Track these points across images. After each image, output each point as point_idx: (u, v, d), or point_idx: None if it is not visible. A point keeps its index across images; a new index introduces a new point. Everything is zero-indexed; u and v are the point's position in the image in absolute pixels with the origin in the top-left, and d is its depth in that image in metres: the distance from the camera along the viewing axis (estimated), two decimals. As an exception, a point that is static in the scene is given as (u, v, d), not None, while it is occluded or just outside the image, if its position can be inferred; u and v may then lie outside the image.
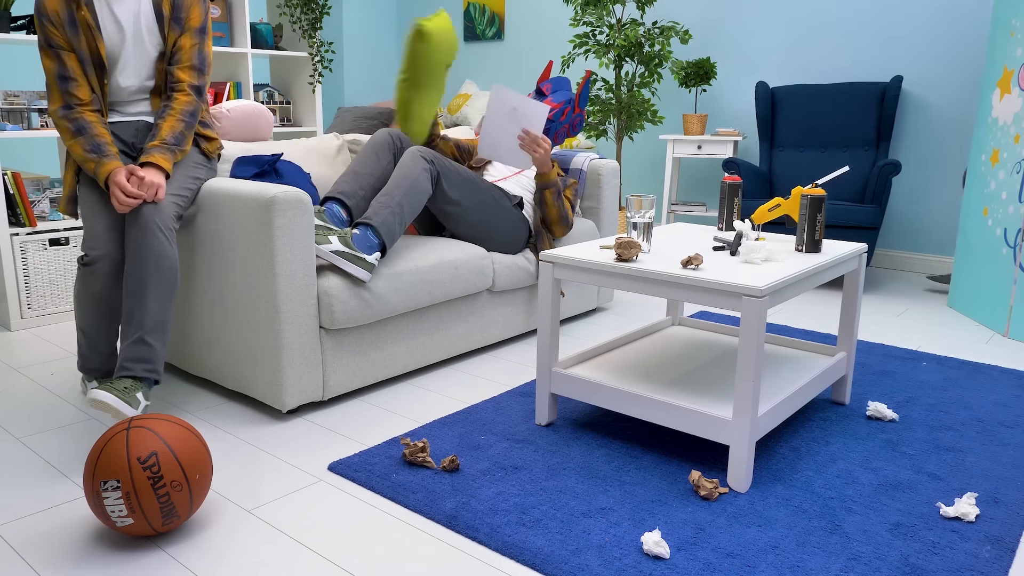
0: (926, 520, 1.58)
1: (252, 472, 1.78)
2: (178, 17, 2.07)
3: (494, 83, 2.34)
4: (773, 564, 1.42)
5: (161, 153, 1.98)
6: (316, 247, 2.05)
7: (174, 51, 2.09)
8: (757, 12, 4.41)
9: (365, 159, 2.39)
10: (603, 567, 1.40)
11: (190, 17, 2.09)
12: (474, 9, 5.64)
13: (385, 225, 2.17)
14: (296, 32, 4.27)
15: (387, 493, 1.67)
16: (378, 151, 2.41)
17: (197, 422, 2.05)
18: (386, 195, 2.23)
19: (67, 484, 1.72)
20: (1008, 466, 1.83)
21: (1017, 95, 2.89)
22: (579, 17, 4.34)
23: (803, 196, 1.99)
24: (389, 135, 2.44)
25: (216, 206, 2.08)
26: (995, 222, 3.01)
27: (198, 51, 2.11)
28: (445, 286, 2.35)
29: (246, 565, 1.42)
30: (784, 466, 1.82)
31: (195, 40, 2.10)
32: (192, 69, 2.10)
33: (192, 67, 2.10)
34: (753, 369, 1.61)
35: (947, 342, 2.84)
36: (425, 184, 2.30)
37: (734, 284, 1.62)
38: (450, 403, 2.20)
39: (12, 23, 2.96)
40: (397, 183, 2.26)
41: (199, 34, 2.11)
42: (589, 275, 1.85)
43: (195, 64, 2.11)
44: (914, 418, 2.11)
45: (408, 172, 2.28)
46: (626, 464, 1.82)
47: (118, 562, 1.43)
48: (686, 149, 4.38)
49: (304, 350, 2.03)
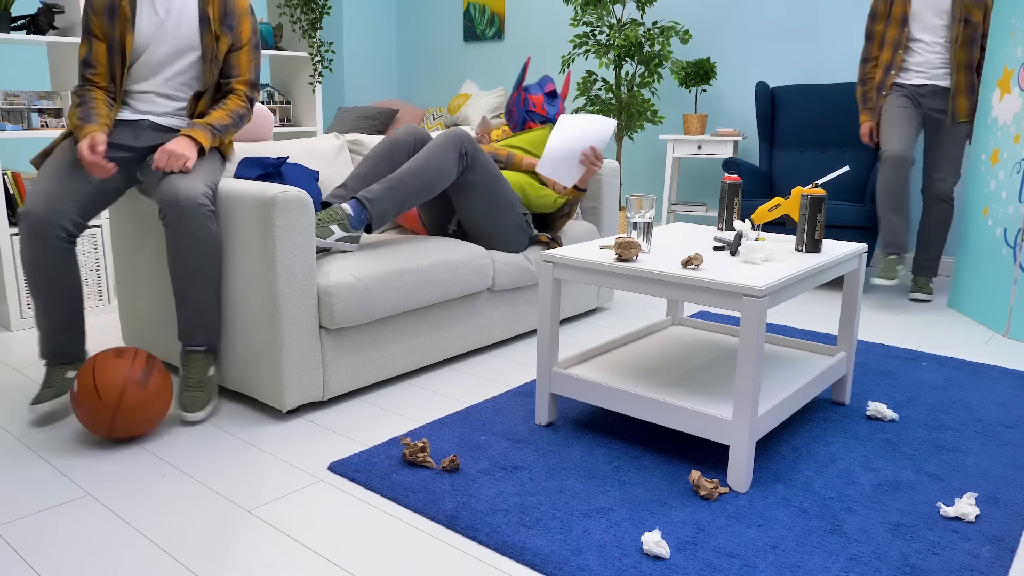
0: (926, 520, 1.58)
1: (252, 472, 1.78)
2: (229, 24, 2.12)
3: (561, 117, 2.43)
4: (773, 564, 1.42)
5: (203, 130, 2.06)
6: (322, 241, 2.07)
7: (231, 65, 2.17)
8: (757, 12, 4.41)
9: (378, 161, 2.37)
10: (603, 567, 1.40)
11: (242, 31, 2.15)
12: (474, 9, 5.64)
13: (380, 213, 2.21)
14: (296, 32, 4.27)
15: (387, 493, 1.67)
16: (395, 152, 2.39)
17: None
18: (398, 183, 2.23)
19: (67, 484, 1.72)
20: (1008, 466, 1.83)
21: (1017, 95, 2.89)
22: (579, 17, 4.34)
23: (803, 196, 1.99)
24: (413, 137, 2.41)
25: (217, 206, 2.08)
26: (995, 222, 3.01)
27: (254, 67, 2.21)
28: (445, 286, 2.35)
29: (246, 565, 1.42)
30: (784, 466, 1.82)
31: (251, 56, 2.19)
32: (248, 84, 2.20)
33: (248, 82, 2.20)
34: (753, 369, 1.61)
35: (947, 342, 2.84)
36: (449, 175, 2.31)
37: (734, 284, 1.62)
38: (450, 403, 2.20)
39: (12, 23, 2.96)
40: (416, 174, 2.25)
41: (254, 50, 2.20)
42: (589, 275, 1.85)
43: (251, 79, 2.21)
44: (914, 418, 2.11)
45: (433, 164, 2.27)
46: (626, 464, 1.82)
47: (118, 562, 1.43)
48: (686, 149, 4.38)
49: (304, 350, 2.03)
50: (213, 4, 2.11)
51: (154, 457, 1.85)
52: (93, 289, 3.04)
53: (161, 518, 1.58)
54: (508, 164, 2.73)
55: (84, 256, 2.98)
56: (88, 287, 3.02)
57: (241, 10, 2.16)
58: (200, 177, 2.01)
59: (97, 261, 3.02)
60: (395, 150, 2.40)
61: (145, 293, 2.39)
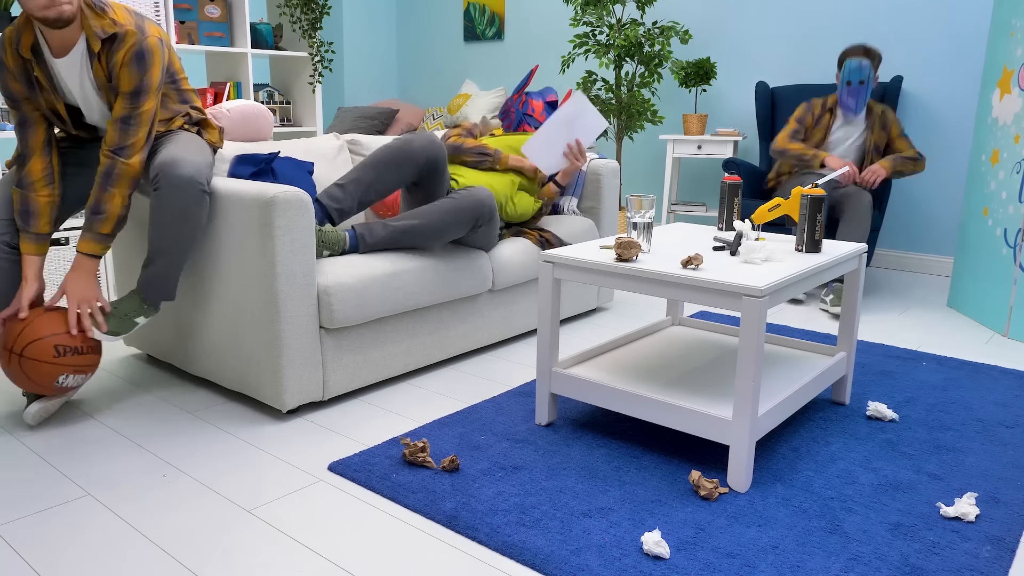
0: (926, 520, 1.58)
1: (252, 472, 1.78)
2: (114, 86, 2.00)
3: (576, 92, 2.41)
4: (773, 564, 1.42)
5: (84, 241, 1.98)
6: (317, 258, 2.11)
7: (112, 113, 2.02)
8: (757, 12, 4.41)
9: (383, 170, 2.31)
10: (603, 567, 1.40)
11: (121, 83, 1.98)
12: (474, 9, 5.64)
13: (371, 249, 2.26)
14: (296, 32, 4.28)
15: (387, 493, 1.67)
16: (403, 165, 2.32)
17: (197, 422, 2.05)
18: (401, 234, 2.26)
19: (67, 484, 1.72)
20: (1008, 466, 1.83)
21: (1017, 95, 2.89)
22: (579, 17, 4.34)
23: (803, 196, 1.99)
24: (425, 155, 2.33)
25: (216, 206, 2.08)
26: (995, 222, 3.02)
27: (125, 113, 1.98)
28: (445, 287, 2.35)
29: (246, 565, 1.42)
30: (784, 466, 1.82)
31: (123, 104, 1.98)
32: (115, 131, 1.99)
33: (115, 130, 1.99)
34: (753, 369, 1.61)
35: (947, 342, 2.84)
36: (454, 236, 2.35)
37: (734, 284, 1.62)
38: (450, 403, 2.20)
39: (12, 23, 2.96)
40: (423, 233, 2.28)
41: (129, 97, 1.98)
42: (589, 275, 1.85)
43: (119, 127, 1.98)
44: (914, 418, 2.11)
45: (445, 228, 2.30)
46: (626, 464, 1.82)
47: (118, 562, 1.43)
48: (686, 149, 4.38)
49: (304, 350, 2.03)
50: (98, 69, 1.98)
51: (154, 457, 1.85)
52: (93, 289, 3.03)
53: (161, 518, 1.58)
54: (495, 160, 2.70)
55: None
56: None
57: (120, 64, 1.96)
58: (198, 155, 2.00)
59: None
60: (404, 163, 2.32)
61: (145, 293, 2.39)
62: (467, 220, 2.32)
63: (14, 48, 1.95)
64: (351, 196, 2.28)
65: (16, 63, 1.96)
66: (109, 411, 2.13)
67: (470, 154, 2.68)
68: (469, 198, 2.32)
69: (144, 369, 2.47)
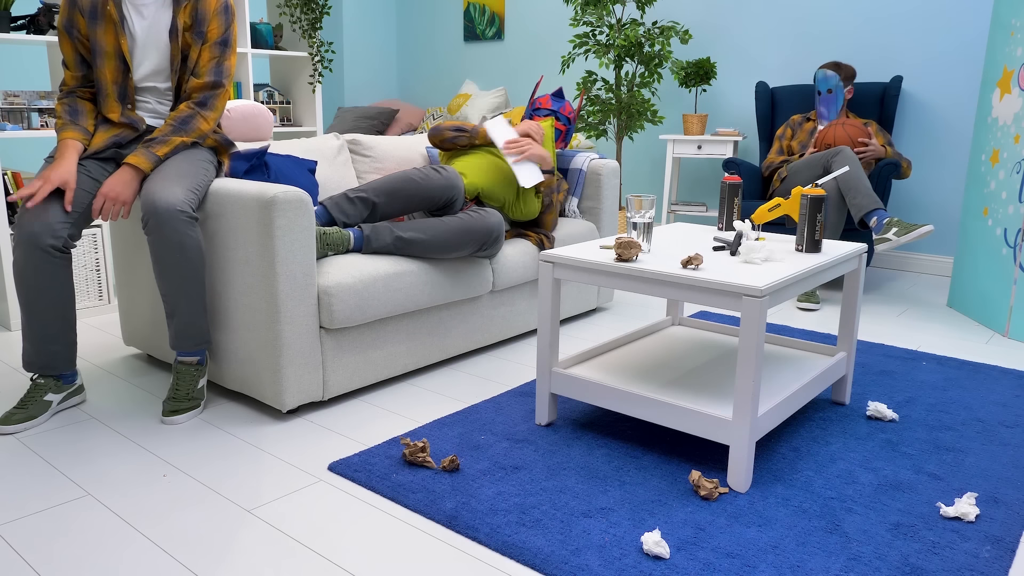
0: (926, 520, 1.58)
1: (252, 472, 1.78)
2: (200, 31, 2.07)
3: (488, 121, 2.45)
4: (773, 564, 1.42)
5: (142, 154, 2.03)
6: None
7: (196, 64, 2.12)
8: (757, 12, 4.42)
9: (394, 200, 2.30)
10: (603, 567, 1.40)
11: (210, 29, 2.10)
12: (474, 9, 5.64)
13: (373, 252, 2.25)
14: (296, 32, 4.28)
15: (387, 493, 1.67)
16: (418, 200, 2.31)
17: (197, 421, 2.05)
18: (405, 244, 2.26)
19: (67, 484, 1.72)
20: (1008, 466, 1.83)
21: (1017, 95, 2.89)
22: (579, 17, 4.34)
23: (803, 196, 1.99)
24: (445, 197, 2.33)
25: (216, 206, 2.08)
26: (995, 222, 3.02)
27: (214, 64, 2.12)
28: (446, 288, 2.35)
29: (246, 565, 1.42)
30: (784, 466, 1.82)
31: (212, 54, 2.11)
32: (203, 85, 2.11)
33: (205, 84, 2.11)
34: (753, 369, 1.61)
35: (947, 342, 2.84)
36: (457, 254, 2.35)
37: (734, 284, 1.62)
38: (450, 403, 2.20)
39: (12, 23, 2.96)
40: (428, 247, 2.28)
41: (216, 47, 2.11)
42: (589, 275, 1.85)
43: (208, 80, 2.11)
44: (914, 418, 2.11)
45: (451, 245, 2.30)
46: (626, 464, 1.82)
47: (118, 562, 1.43)
48: (686, 149, 4.38)
49: (304, 350, 2.03)
50: (184, 12, 2.07)
51: (154, 457, 1.85)
52: (93, 289, 3.04)
53: (161, 518, 1.58)
54: (472, 136, 2.69)
55: (84, 256, 2.98)
56: (88, 287, 3.02)
57: (212, 11, 2.10)
58: (181, 182, 1.99)
59: (97, 261, 3.02)
60: (422, 200, 2.32)
61: (145, 293, 2.39)
62: (474, 242, 2.34)
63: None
64: (359, 213, 2.29)
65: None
66: (109, 411, 2.13)
67: (449, 131, 2.69)
68: (481, 222, 2.34)
69: (144, 369, 2.47)
